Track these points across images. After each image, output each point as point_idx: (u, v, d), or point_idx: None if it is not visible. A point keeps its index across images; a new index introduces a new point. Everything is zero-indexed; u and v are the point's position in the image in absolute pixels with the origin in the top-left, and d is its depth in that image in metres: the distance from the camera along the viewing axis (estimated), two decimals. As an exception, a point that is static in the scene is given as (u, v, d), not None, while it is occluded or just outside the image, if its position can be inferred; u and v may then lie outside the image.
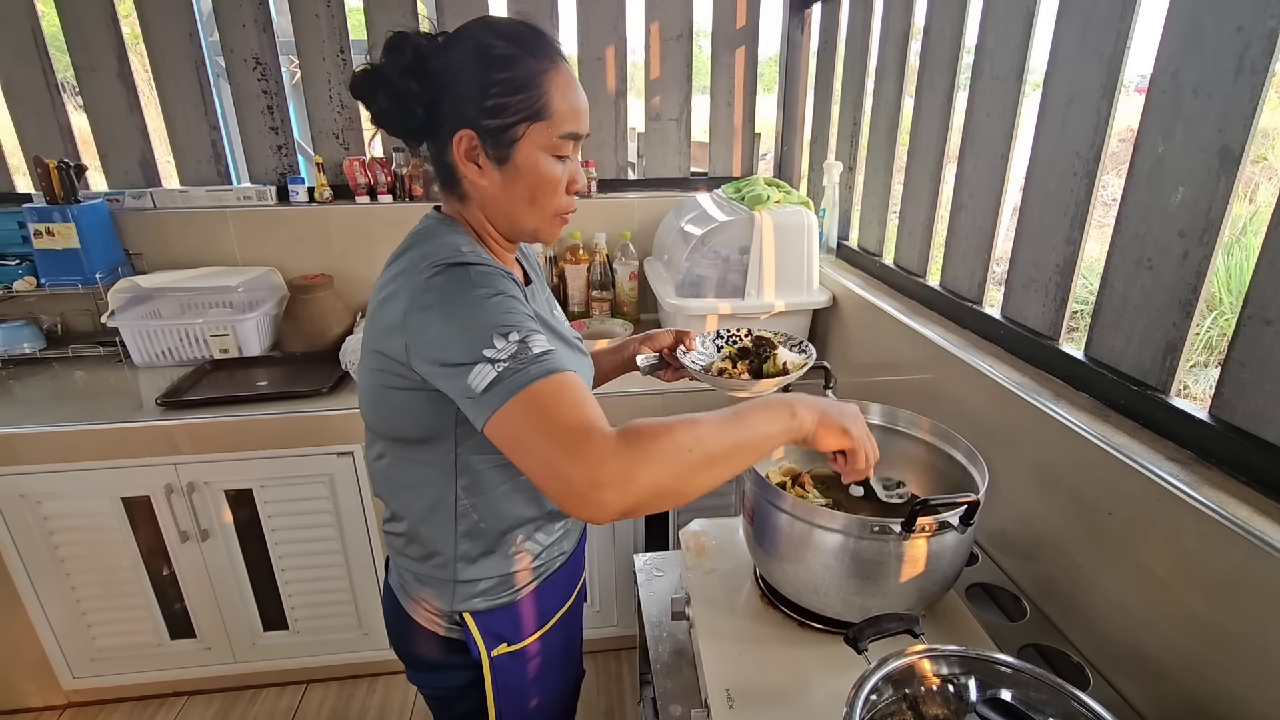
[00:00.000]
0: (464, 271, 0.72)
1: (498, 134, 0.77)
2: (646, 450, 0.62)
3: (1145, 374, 0.91)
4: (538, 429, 0.63)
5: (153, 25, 1.92)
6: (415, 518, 0.88)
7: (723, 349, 1.11)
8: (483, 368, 0.66)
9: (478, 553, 0.88)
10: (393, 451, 0.86)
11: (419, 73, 0.76)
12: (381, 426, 0.85)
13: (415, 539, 0.89)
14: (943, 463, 1.00)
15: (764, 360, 1.06)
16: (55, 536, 1.62)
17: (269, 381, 1.76)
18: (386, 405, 0.81)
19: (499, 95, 0.75)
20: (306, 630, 1.80)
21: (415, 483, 0.86)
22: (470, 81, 0.76)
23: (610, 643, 1.95)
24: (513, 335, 0.67)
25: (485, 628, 0.90)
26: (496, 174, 0.79)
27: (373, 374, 0.80)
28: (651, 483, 0.62)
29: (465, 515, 0.86)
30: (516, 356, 0.66)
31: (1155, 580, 0.79)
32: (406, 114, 0.78)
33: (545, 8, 2.03)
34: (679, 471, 0.64)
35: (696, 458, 0.64)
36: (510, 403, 0.64)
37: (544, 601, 0.95)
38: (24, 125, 1.96)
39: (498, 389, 0.65)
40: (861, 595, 0.85)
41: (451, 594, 0.89)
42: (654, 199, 2.17)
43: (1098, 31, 0.96)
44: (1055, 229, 1.06)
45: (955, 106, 1.36)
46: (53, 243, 1.80)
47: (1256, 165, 4.16)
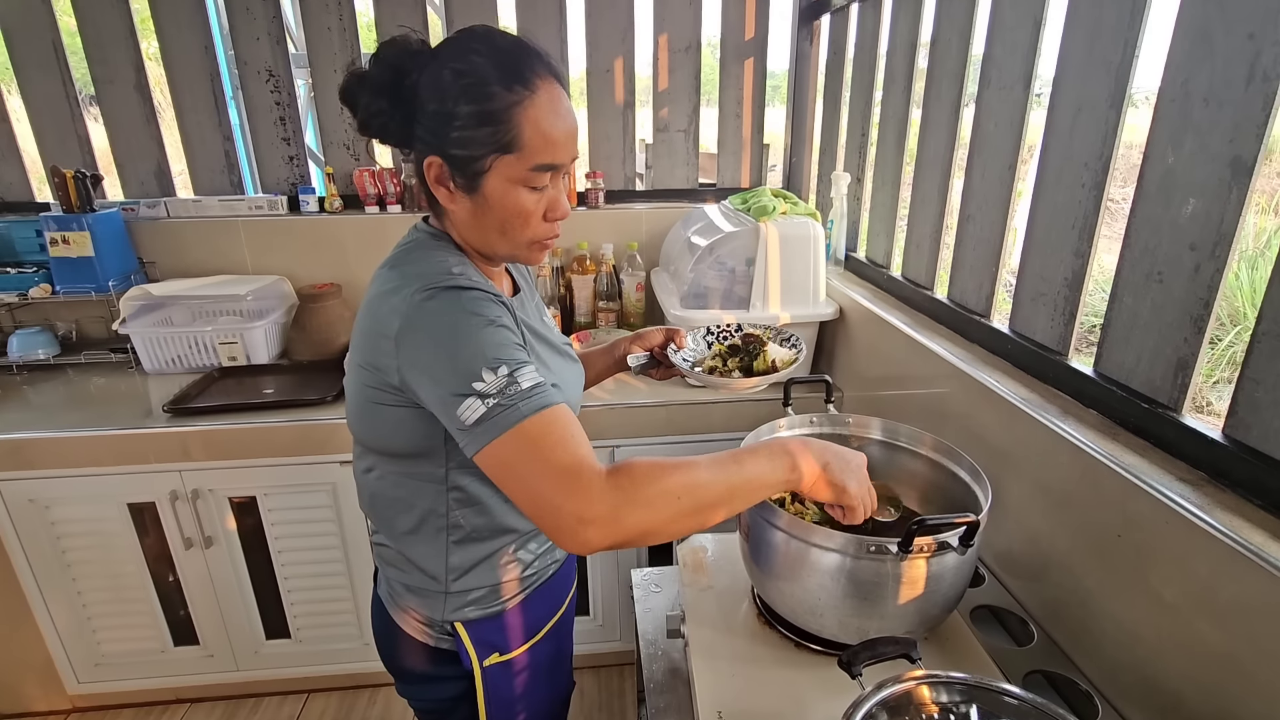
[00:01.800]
0: (456, 297, 0.72)
1: (465, 164, 0.75)
2: (636, 494, 0.63)
3: (1156, 391, 0.88)
4: (528, 465, 0.65)
5: (170, 39, 1.95)
6: (406, 530, 0.87)
7: (713, 345, 1.10)
8: (472, 402, 0.66)
9: (469, 563, 0.87)
10: (383, 465, 0.85)
11: (392, 93, 0.75)
12: (372, 441, 0.84)
13: (406, 551, 0.88)
14: (946, 480, 0.98)
15: (754, 357, 1.05)
16: (63, 541, 1.64)
17: (276, 389, 1.77)
18: (377, 420, 0.80)
19: (464, 128, 0.73)
20: (309, 639, 1.80)
21: (406, 496, 0.85)
22: (438, 109, 0.74)
23: (612, 658, 1.93)
24: (501, 370, 0.68)
25: (477, 637, 0.89)
26: (466, 201, 0.78)
27: (363, 389, 0.79)
28: (637, 526, 0.64)
29: (457, 526, 0.86)
30: (505, 392, 0.66)
31: (1166, 606, 0.76)
32: (383, 131, 0.78)
33: (553, 19, 2.04)
34: (667, 518, 0.65)
35: (686, 505, 0.66)
36: (500, 440, 0.65)
37: (536, 610, 0.94)
38: (44, 136, 2.00)
39: (486, 425, 0.66)
40: (859, 617, 0.83)
41: (443, 604, 0.88)
42: (662, 210, 2.16)
43: (1106, 40, 0.94)
44: (1064, 241, 1.03)
45: (963, 117, 1.34)
46: (68, 251, 1.83)
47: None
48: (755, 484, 0.71)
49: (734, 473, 0.69)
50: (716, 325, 1.13)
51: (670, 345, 1.08)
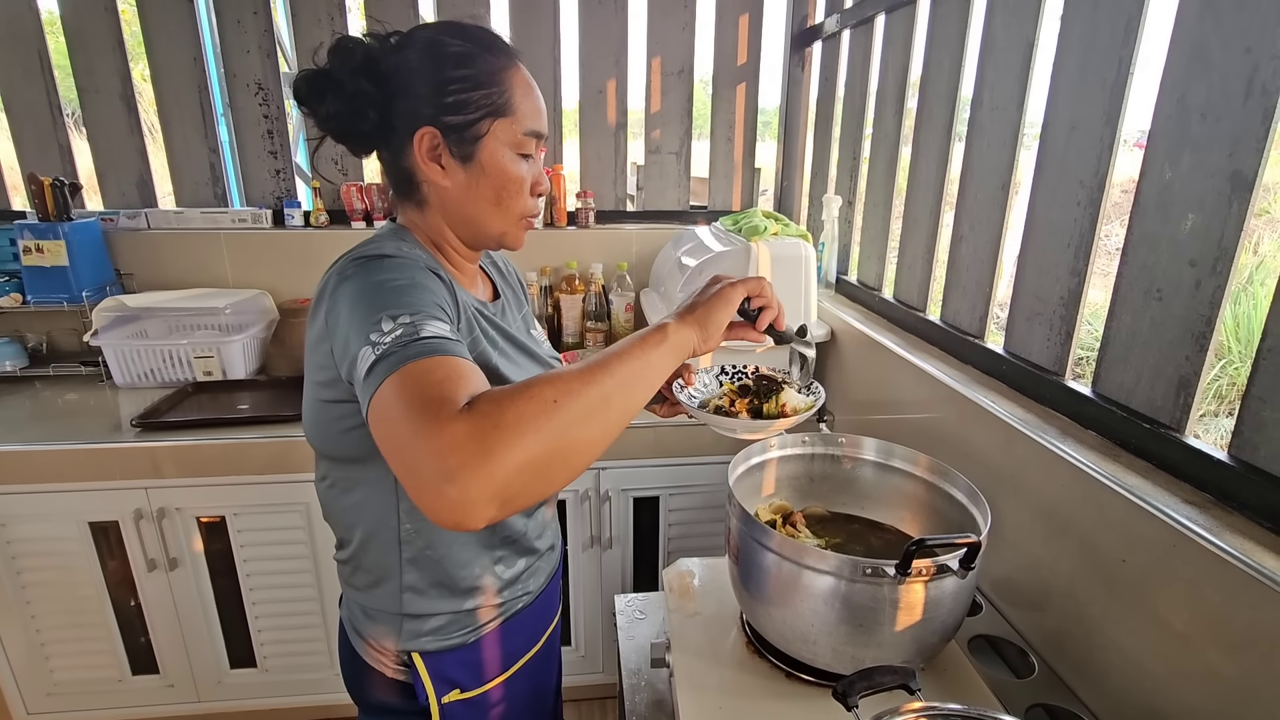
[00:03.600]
0: (377, 263, 0.68)
1: (461, 130, 0.74)
2: (502, 414, 0.51)
3: (1157, 411, 0.86)
4: (395, 409, 0.53)
5: (158, 49, 1.93)
6: (359, 542, 0.81)
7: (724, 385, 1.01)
8: (365, 351, 0.58)
9: (426, 584, 0.81)
10: (334, 472, 0.81)
11: (371, 73, 0.73)
12: (321, 444, 0.79)
13: (360, 566, 0.82)
14: (942, 502, 0.94)
15: (765, 400, 0.94)
16: (18, 561, 1.56)
17: (250, 405, 1.71)
18: (324, 420, 0.75)
19: (460, 91, 0.73)
20: (276, 669, 1.71)
21: (356, 504, 0.80)
22: (428, 79, 0.73)
23: (594, 690, 1.85)
24: (402, 318, 0.60)
25: (435, 671, 0.82)
26: (461, 173, 0.76)
27: (313, 388, 0.75)
28: (517, 454, 0.50)
29: (410, 541, 0.79)
30: (399, 339, 0.58)
31: (1175, 635, 0.72)
32: (358, 117, 0.74)
33: (547, 40, 2.05)
34: (553, 432, 0.52)
35: (571, 410, 0.54)
36: (382, 386, 0.55)
37: (506, 645, 0.87)
38: (24, 144, 1.96)
39: (375, 372, 0.56)
40: (854, 645, 0.78)
41: (399, 630, 0.82)
42: (652, 231, 2.15)
43: (1100, 58, 0.93)
44: (1059, 260, 1.02)
45: (955, 138, 1.34)
46: (41, 260, 1.78)
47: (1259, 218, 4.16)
48: (638, 359, 0.62)
49: (608, 361, 0.60)
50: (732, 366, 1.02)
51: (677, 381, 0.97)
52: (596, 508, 1.66)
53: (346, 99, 0.73)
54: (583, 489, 1.64)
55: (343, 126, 0.75)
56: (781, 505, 1.05)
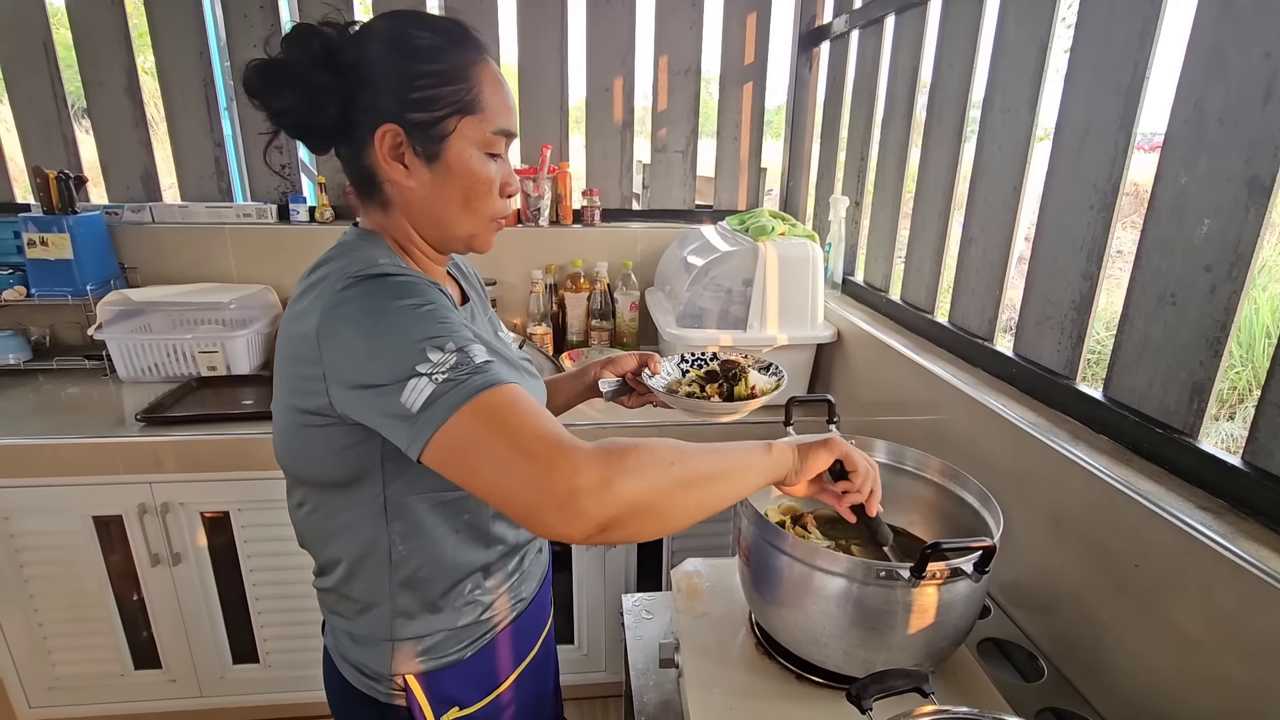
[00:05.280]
0: (380, 283, 0.64)
1: (426, 128, 0.70)
2: (624, 458, 0.56)
3: (1170, 416, 0.86)
4: (494, 441, 0.56)
5: (164, 43, 1.93)
6: (346, 570, 0.77)
7: (688, 373, 1.05)
8: (416, 383, 0.58)
9: (418, 606, 0.78)
10: (315, 497, 0.76)
11: (331, 64, 0.68)
12: (300, 470, 0.75)
13: (347, 595, 0.78)
14: (952, 506, 0.94)
15: (734, 383, 1.00)
16: (21, 555, 1.56)
17: (255, 401, 1.71)
18: (303, 445, 0.71)
19: (427, 87, 0.69)
20: (278, 664, 1.71)
21: (342, 530, 0.76)
22: (393, 73, 0.69)
23: (597, 689, 1.85)
24: (449, 345, 0.60)
25: (432, 691, 0.79)
26: (426, 173, 0.72)
27: (287, 411, 0.71)
28: (633, 493, 0.56)
29: (402, 563, 0.76)
30: (457, 367, 0.58)
31: (1188, 641, 0.72)
32: (317, 111, 0.69)
33: (554, 38, 2.04)
34: (661, 486, 0.58)
35: (679, 474, 0.59)
36: (456, 416, 0.56)
37: (503, 655, 0.85)
38: (29, 137, 1.96)
39: (439, 404, 0.57)
40: (865, 647, 0.78)
41: (390, 655, 0.78)
42: (658, 230, 2.14)
43: (1115, 61, 0.93)
44: (1071, 264, 1.02)
45: (965, 140, 1.33)
46: (46, 253, 1.77)
47: (1263, 219, 4.16)
48: (741, 462, 0.66)
49: (719, 450, 0.65)
50: (691, 352, 1.06)
51: (645, 371, 1.01)
52: (601, 507, 1.65)
53: (304, 92, 0.68)
54: (587, 488, 1.64)
55: (299, 121, 0.70)
56: (791, 506, 1.05)
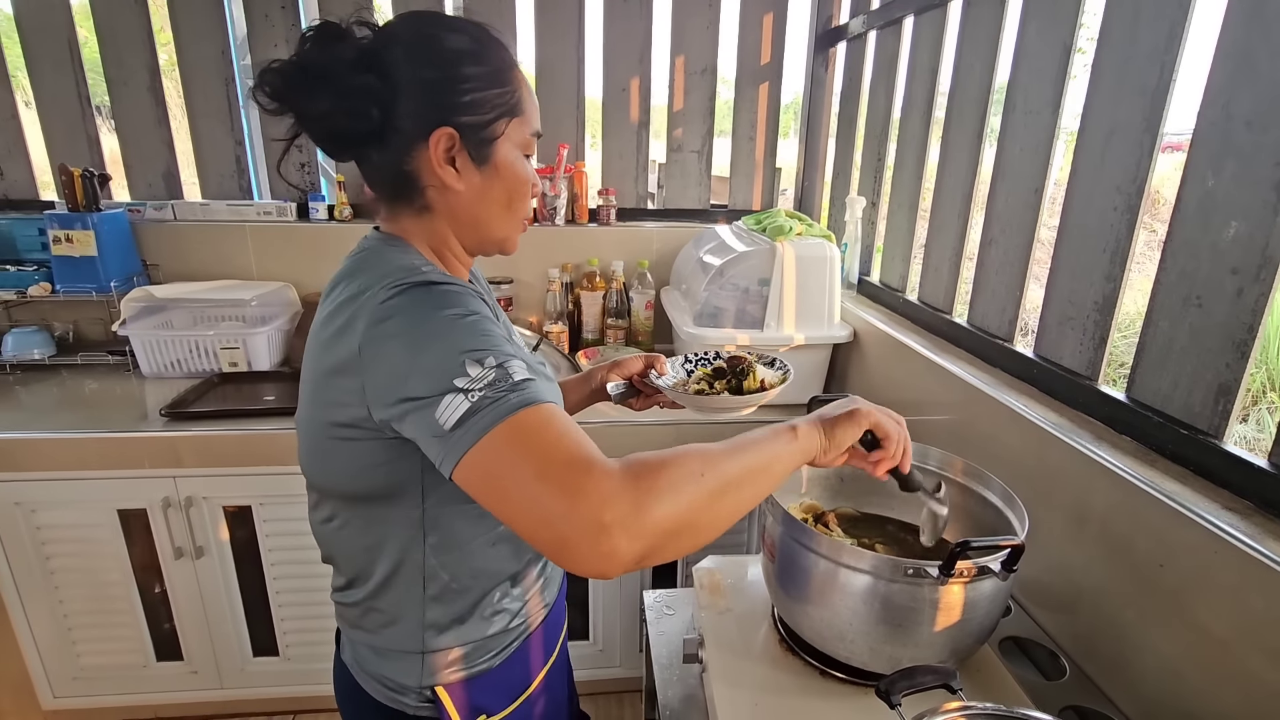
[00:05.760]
0: (426, 292, 0.63)
1: (478, 131, 0.70)
2: (655, 481, 0.54)
3: (1195, 418, 0.86)
4: (524, 466, 0.54)
5: (186, 42, 1.95)
6: (376, 585, 0.75)
7: (694, 372, 1.06)
8: (453, 399, 0.56)
9: (450, 618, 0.77)
10: (346, 512, 0.75)
11: (372, 66, 0.66)
12: (332, 485, 0.73)
13: (375, 608, 0.77)
14: (976, 506, 0.95)
15: (742, 378, 1.01)
16: (47, 547, 1.58)
17: (276, 397, 1.73)
18: (338, 459, 0.70)
19: (476, 90, 0.69)
20: (297, 658, 1.73)
21: (374, 545, 0.74)
22: (442, 76, 0.68)
23: (612, 684, 1.86)
24: (489, 360, 0.58)
25: (461, 701, 0.79)
26: (476, 176, 0.72)
27: (318, 425, 0.69)
28: (666, 518, 0.54)
29: (434, 577, 0.75)
30: (495, 385, 0.57)
31: (1214, 640, 0.73)
32: (357, 116, 0.66)
33: (571, 38, 2.06)
34: (695, 502, 0.56)
35: (712, 484, 0.57)
36: (488, 437, 0.55)
37: (529, 660, 0.86)
38: (53, 135, 1.98)
39: (472, 422, 0.55)
40: (891, 644, 0.79)
41: (420, 668, 0.77)
42: (673, 229, 2.15)
43: (1141, 64, 0.94)
44: (1094, 265, 1.02)
45: (985, 142, 1.34)
46: (71, 250, 1.80)
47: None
48: (769, 454, 0.64)
49: (745, 447, 0.63)
50: (695, 353, 1.08)
51: (651, 372, 1.02)
52: (618, 504, 1.67)
53: (343, 96, 0.65)
54: (604, 485, 1.65)
55: (336, 127, 0.68)
56: (812, 505, 1.06)
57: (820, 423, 0.71)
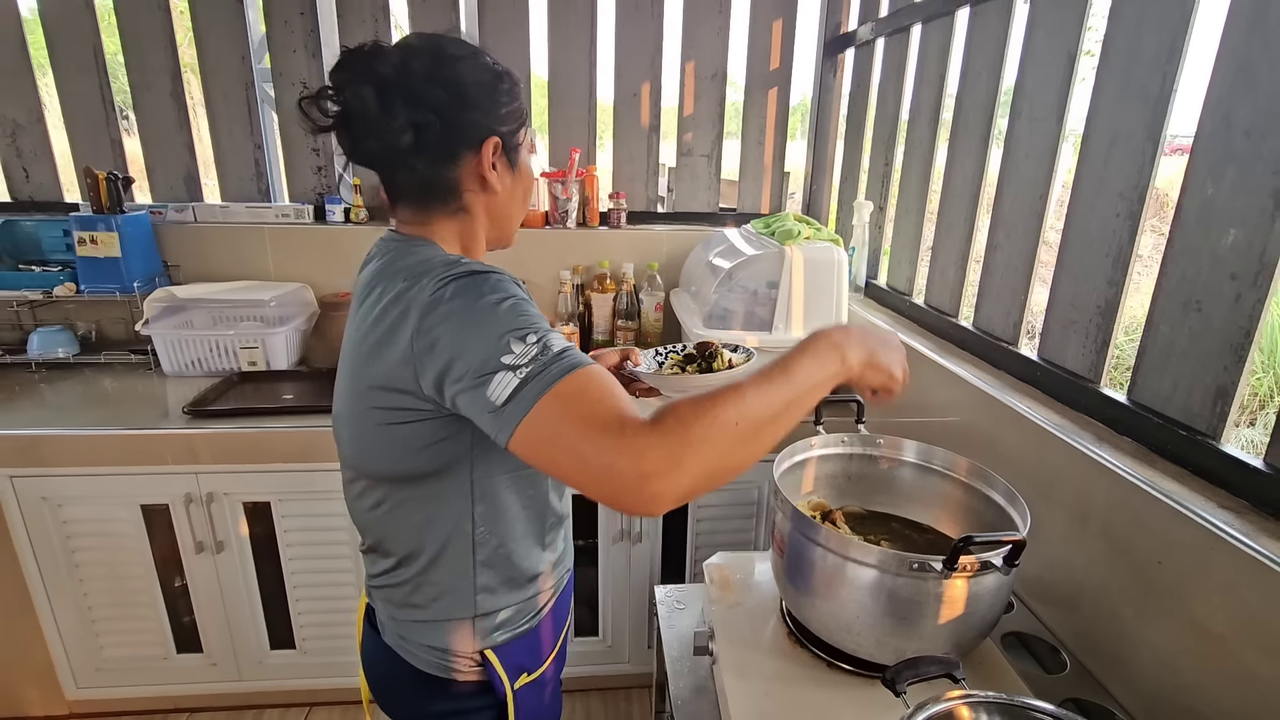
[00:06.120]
0: (471, 281, 0.68)
1: (512, 138, 0.81)
2: (689, 433, 0.58)
3: (1194, 419, 0.88)
4: (569, 430, 0.59)
5: (208, 48, 1.99)
6: (429, 559, 0.80)
7: (665, 361, 1.15)
8: (503, 377, 0.61)
9: (498, 581, 0.83)
10: (396, 494, 0.79)
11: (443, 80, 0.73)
12: (386, 469, 0.77)
13: (427, 582, 0.82)
14: (979, 504, 0.97)
15: (711, 360, 1.11)
16: (73, 541, 1.62)
17: (294, 395, 1.77)
18: (393, 445, 0.74)
19: (508, 102, 0.79)
20: (314, 651, 1.77)
21: (426, 521, 0.79)
22: (487, 90, 0.77)
23: (620, 680, 1.89)
24: (530, 338, 0.63)
25: (508, 661, 0.86)
26: (509, 178, 0.82)
27: (369, 414, 0.74)
28: (701, 466, 0.58)
29: (484, 543, 0.81)
30: (538, 359, 0.62)
31: (1211, 636, 0.75)
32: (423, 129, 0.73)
33: (583, 43, 2.09)
34: (727, 449, 0.59)
35: (745, 430, 0.60)
36: (536, 408, 0.60)
37: (556, 621, 0.93)
38: (77, 138, 2.03)
39: (521, 396, 0.61)
40: (896, 636, 0.82)
41: (471, 633, 0.83)
42: (683, 232, 2.18)
43: (1143, 73, 0.96)
44: (1097, 270, 1.05)
45: (991, 148, 1.36)
46: (95, 251, 1.84)
47: None
48: (808, 386, 0.66)
49: (783, 383, 0.64)
50: (664, 347, 1.18)
51: (627, 363, 1.08)
52: (628, 502, 1.69)
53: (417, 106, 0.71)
54: (615, 484, 1.68)
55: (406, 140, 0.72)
56: (820, 503, 1.08)
57: (869, 359, 0.73)
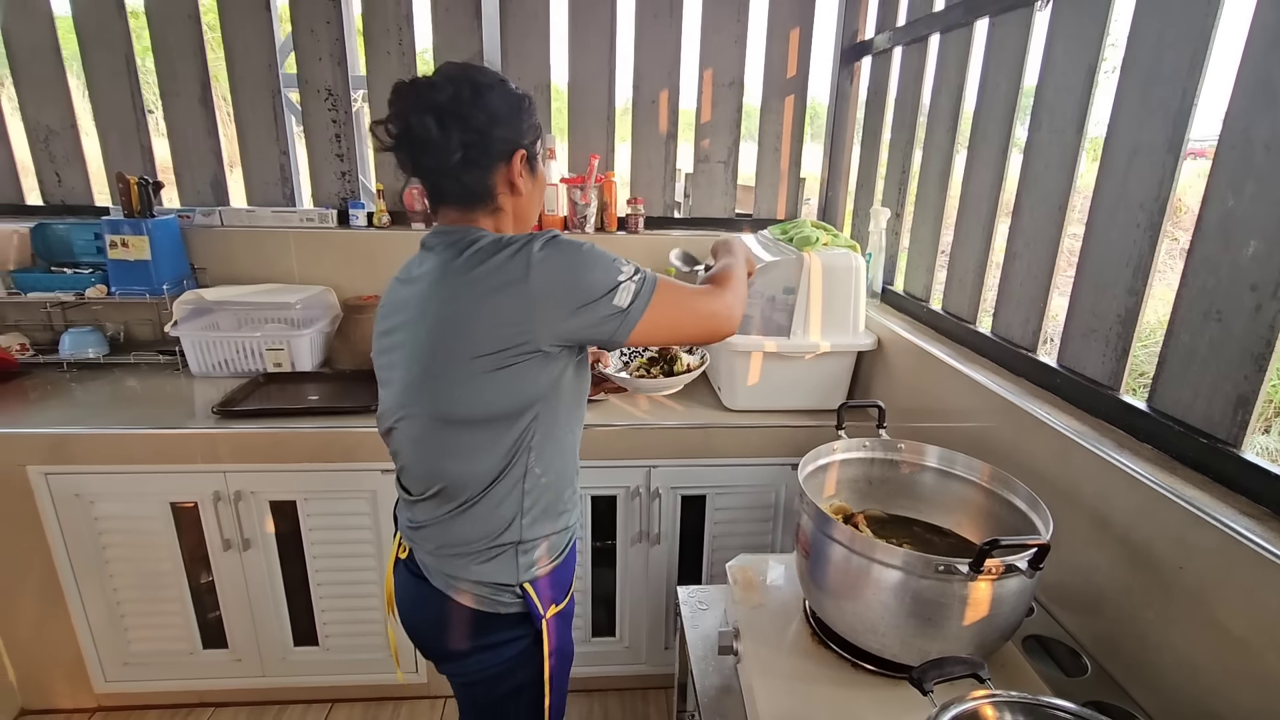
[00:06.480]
0: (560, 240, 0.89)
1: (533, 148, 0.98)
2: (729, 290, 1.02)
3: (1214, 427, 0.90)
4: (677, 307, 0.94)
5: (235, 55, 2.04)
6: (490, 492, 0.94)
7: (630, 363, 1.38)
8: (625, 286, 0.89)
9: (540, 510, 0.97)
10: (476, 434, 0.91)
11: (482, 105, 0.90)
12: (485, 410, 0.90)
13: (485, 516, 0.95)
14: (1001, 509, 0.99)
15: (672, 364, 1.37)
16: (104, 538, 1.66)
17: (319, 396, 1.80)
18: (494, 388, 0.89)
19: (529, 119, 0.96)
20: (336, 648, 1.80)
21: (495, 456, 0.92)
22: (514, 110, 0.94)
23: (637, 681, 1.91)
24: (623, 263, 0.91)
25: (542, 592, 0.99)
26: (531, 182, 0.99)
27: (469, 362, 0.87)
28: (741, 302, 1.03)
29: (531, 473, 0.95)
30: (637, 271, 0.91)
31: (1233, 639, 0.77)
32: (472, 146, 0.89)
33: (603, 52, 2.12)
34: (742, 294, 1.05)
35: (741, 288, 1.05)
36: (656, 298, 0.91)
37: (572, 559, 1.06)
38: (109, 144, 2.08)
39: (640, 295, 0.90)
40: (921, 637, 0.84)
41: (515, 565, 0.97)
42: (700, 237, 2.21)
43: (1164, 87, 0.98)
44: (1117, 279, 1.06)
45: (1010, 158, 1.38)
46: (126, 254, 1.88)
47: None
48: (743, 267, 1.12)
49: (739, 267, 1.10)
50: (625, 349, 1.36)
51: (598, 365, 1.28)
52: (646, 504, 1.72)
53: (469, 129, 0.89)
54: (634, 485, 1.70)
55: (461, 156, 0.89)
56: (841, 506, 1.11)
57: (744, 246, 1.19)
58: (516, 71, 2.11)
